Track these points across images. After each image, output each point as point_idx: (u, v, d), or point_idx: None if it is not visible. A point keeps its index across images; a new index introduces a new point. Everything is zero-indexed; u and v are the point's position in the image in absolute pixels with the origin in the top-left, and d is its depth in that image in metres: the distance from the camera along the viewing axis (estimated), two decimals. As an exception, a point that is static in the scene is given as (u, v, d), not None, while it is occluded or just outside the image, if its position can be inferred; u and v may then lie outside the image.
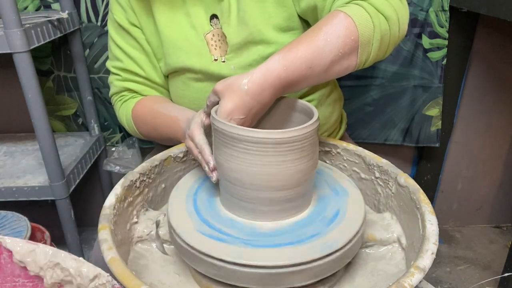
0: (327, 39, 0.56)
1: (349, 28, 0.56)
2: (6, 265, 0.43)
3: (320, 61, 0.56)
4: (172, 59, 0.78)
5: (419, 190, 0.56)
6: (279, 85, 0.56)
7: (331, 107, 0.84)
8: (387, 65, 1.23)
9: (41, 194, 1.10)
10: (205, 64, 0.76)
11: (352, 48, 0.57)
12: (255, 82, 0.55)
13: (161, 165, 0.66)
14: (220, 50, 0.76)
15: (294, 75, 0.56)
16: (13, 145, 1.32)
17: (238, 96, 0.54)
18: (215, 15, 0.76)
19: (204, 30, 0.76)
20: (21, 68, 0.94)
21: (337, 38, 0.56)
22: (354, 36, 0.57)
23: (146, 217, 0.61)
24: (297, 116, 0.60)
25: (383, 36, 0.59)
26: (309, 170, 0.52)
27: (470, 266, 1.42)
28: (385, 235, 0.58)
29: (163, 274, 0.55)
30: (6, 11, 0.88)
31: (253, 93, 0.55)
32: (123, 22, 0.80)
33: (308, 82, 0.59)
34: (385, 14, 0.59)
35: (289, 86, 0.57)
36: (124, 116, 0.85)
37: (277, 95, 0.58)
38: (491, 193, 1.54)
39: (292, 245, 0.48)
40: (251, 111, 0.56)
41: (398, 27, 0.61)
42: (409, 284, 0.42)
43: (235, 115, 0.54)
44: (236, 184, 0.51)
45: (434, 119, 1.30)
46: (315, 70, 0.57)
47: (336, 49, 0.56)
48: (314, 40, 0.57)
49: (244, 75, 0.56)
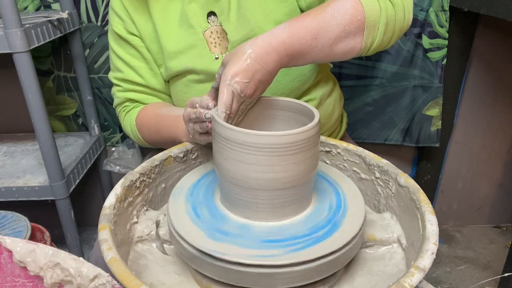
0: (334, 14, 0.58)
1: (356, 8, 0.58)
2: (6, 265, 0.43)
3: (326, 33, 0.58)
4: (174, 63, 0.77)
5: (419, 190, 0.56)
6: (283, 51, 0.56)
7: (331, 106, 0.84)
8: (387, 65, 1.23)
9: (41, 194, 1.10)
10: (206, 64, 0.76)
11: (358, 28, 0.59)
12: (259, 45, 0.55)
13: (161, 165, 0.66)
14: (220, 47, 0.76)
15: (299, 42, 0.57)
16: (13, 145, 1.32)
17: (242, 59, 0.55)
18: (213, 12, 0.76)
19: (202, 27, 0.76)
20: (21, 68, 0.94)
21: (343, 14, 0.58)
22: (360, 16, 0.58)
23: (146, 217, 0.61)
24: (303, 119, 0.61)
25: (388, 20, 0.60)
26: (310, 171, 0.52)
27: (470, 266, 1.42)
28: (385, 235, 0.58)
29: (163, 274, 0.55)
30: (6, 11, 0.88)
31: (257, 55, 0.55)
32: (122, 32, 0.80)
33: (312, 55, 0.59)
34: (392, 0, 0.60)
35: (293, 55, 0.58)
36: (129, 126, 0.86)
37: (281, 62, 0.58)
38: (491, 193, 1.54)
39: (292, 245, 0.48)
40: (255, 75, 0.56)
41: (403, 14, 0.62)
42: (409, 284, 0.42)
43: (238, 78, 0.54)
44: (236, 184, 0.51)
45: (434, 119, 1.30)
46: (320, 42, 0.58)
47: (342, 25, 0.58)
48: (321, 13, 0.58)
49: (249, 41, 0.57)
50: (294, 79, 0.76)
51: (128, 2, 0.79)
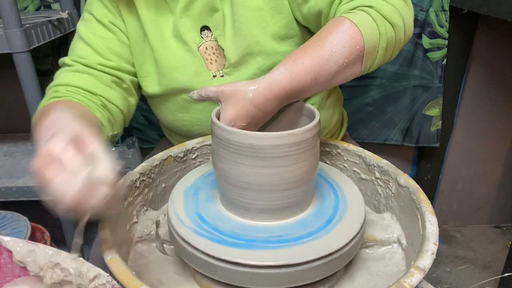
0: (332, 49, 0.56)
1: (355, 38, 0.56)
2: (6, 265, 0.43)
3: (325, 72, 0.56)
4: (169, 79, 0.74)
5: (419, 190, 0.56)
6: (284, 96, 0.56)
7: (331, 109, 0.84)
8: (387, 65, 1.23)
9: (41, 194, 1.10)
10: (204, 83, 0.72)
11: (357, 58, 0.57)
12: (260, 92, 0.55)
13: (161, 165, 0.66)
14: (217, 64, 0.74)
15: (299, 86, 0.56)
16: (13, 145, 1.32)
17: (242, 104, 0.55)
18: (207, 27, 0.73)
19: (196, 42, 0.73)
20: (21, 68, 0.94)
21: (342, 48, 0.56)
22: (359, 46, 0.56)
23: (146, 217, 0.61)
24: (303, 119, 0.61)
25: (388, 43, 0.58)
26: (311, 172, 0.52)
27: (470, 266, 1.42)
28: (385, 235, 0.58)
29: (163, 274, 0.55)
30: (6, 11, 0.88)
31: (258, 103, 0.55)
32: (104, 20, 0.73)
33: (311, 91, 0.59)
34: (392, 21, 0.58)
35: (293, 96, 0.58)
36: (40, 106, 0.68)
37: (280, 105, 0.58)
38: (491, 193, 1.54)
39: (292, 245, 0.48)
40: (254, 119, 0.56)
41: (403, 33, 0.60)
42: (409, 284, 0.42)
43: (238, 122, 0.55)
44: (235, 186, 0.51)
45: (434, 119, 1.30)
46: (320, 81, 0.57)
47: (342, 59, 0.56)
48: (320, 50, 0.56)
49: (250, 83, 0.56)
50: None
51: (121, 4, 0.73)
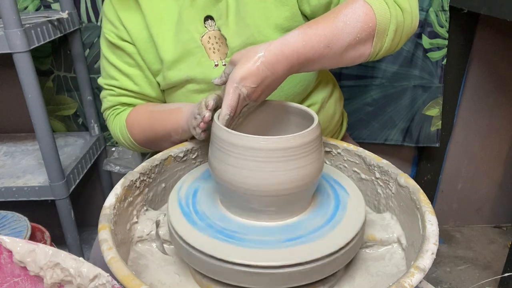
0: (346, 21, 0.57)
1: (368, 14, 0.58)
2: (6, 265, 0.43)
3: (338, 42, 0.57)
4: (173, 72, 0.75)
5: (419, 190, 0.56)
6: (295, 60, 0.56)
7: (332, 108, 0.84)
8: (387, 65, 1.23)
9: (41, 194, 1.10)
10: (206, 72, 0.73)
11: (369, 35, 0.58)
12: (272, 51, 0.55)
13: (162, 164, 0.66)
14: (219, 53, 0.74)
15: (311, 51, 0.56)
16: (13, 145, 1.32)
17: (253, 63, 0.55)
18: (210, 17, 0.74)
19: (199, 32, 0.74)
20: (21, 68, 0.94)
21: (356, 22, 0.57)
22: (372, 23, 0.58)
23: (146, 217, 0.61)
24: (294, 119, 0.61)
25: (398, 27, 0.60)
26: (315, 175, 0.52)
27: (470, 266, 1.42)
28: (385, 235, 0.58)
29: (163, 274, 0.55)
30: (6, 11, 0.88)
31: (268, 62, 0.55)
32: (115, 40, 0.77)
33: (322, 62, 0.59)
34: (401, 6, 0.60)
35: (304, 63, 0.58)
36: (118, 128, 0.81)
37: (291, 70, 0.58)
38: (491, 193, 1.54)
39: (292, 245, 0.48)
40: (264, 81, 0.56)
41: (411, 20, 0.62)
42: (409, 284, 0.42)
43: (247, 83, 0.55)
44: (236, 187, 0.51)
45: (434, 119, 1.30)
46: (332, 50, 0.57)
47: (354, 32, 0.57)
48: (334, 20, 0.58)
49: (262, 45, 0.56)
50: (296, 84, 0.75)
51: (121, 11, 0.76)
